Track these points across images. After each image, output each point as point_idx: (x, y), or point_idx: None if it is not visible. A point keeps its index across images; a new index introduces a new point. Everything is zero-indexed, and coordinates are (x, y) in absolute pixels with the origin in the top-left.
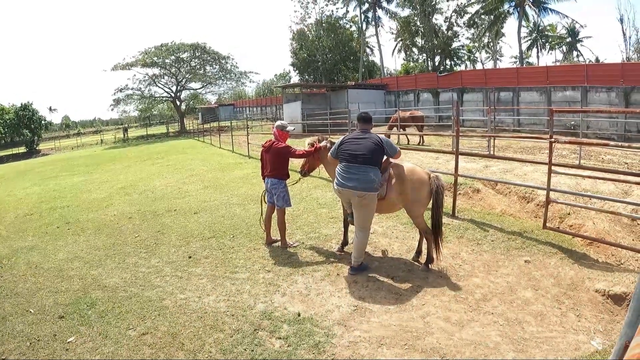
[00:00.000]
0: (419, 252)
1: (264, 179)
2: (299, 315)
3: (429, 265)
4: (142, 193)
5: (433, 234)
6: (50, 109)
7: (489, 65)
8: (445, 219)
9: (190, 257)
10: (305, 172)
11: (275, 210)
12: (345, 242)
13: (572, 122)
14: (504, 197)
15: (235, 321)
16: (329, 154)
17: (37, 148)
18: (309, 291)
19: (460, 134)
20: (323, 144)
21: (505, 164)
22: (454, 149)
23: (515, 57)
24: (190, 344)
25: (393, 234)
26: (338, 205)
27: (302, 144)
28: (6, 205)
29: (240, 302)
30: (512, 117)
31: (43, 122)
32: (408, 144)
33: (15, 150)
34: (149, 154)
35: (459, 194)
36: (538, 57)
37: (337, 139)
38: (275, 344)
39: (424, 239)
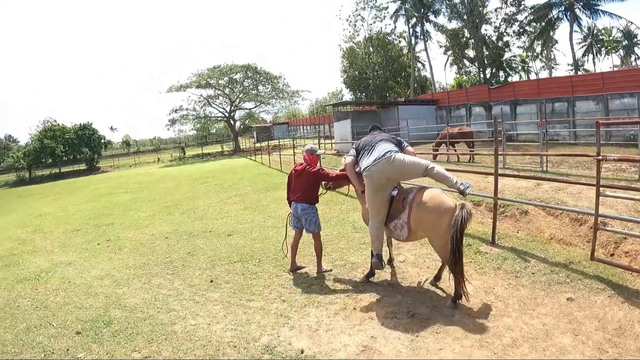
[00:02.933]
0: (437, 277)
1: (290, 203)
2: (302, 352)
3: (456, 302)
4: (184, 213)
5: (452, 268)
6: (111, 128)
7: (544, 75)
8: (483, 248)
9: (211, 282)
10: (330, 186)
11: (312, 236)
12: (372, 273)
13: (632, 132)
14: (554, 219)
15: (236, 353)
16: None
17: (97, 165)
18: (319, 326)
19: (511, 149)
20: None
21: None
22: (495, 169)
23: (571, 65)
24: None
25: (424, 264)
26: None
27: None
28: (58, 220)
29: (247, 333)
30: (568, 129)
31: (102, 140)
32: (458, 161)
33: (76, 167)
34: (200, 172)
35: (505, 216)
36: (594, 63)
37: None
38: None
39: (447, 267)
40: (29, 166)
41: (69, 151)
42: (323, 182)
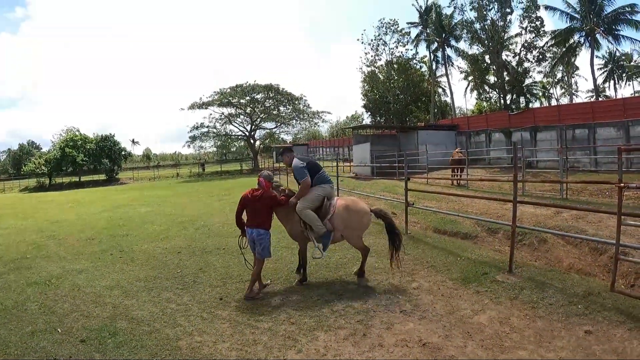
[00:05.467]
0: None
1: (242, 227)
2: None
3: (362, 276)
4: (198, 228)
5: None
6: (133, 141)
7: (565, 101)
8: (499, 276)
9: (221, 299)
10: None
11: (255, 260)
12: (304, 278)
13: None
14: (573, 248)
15: None
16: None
17: (117, 177)
18: (327, 351)
19: (531, 176)
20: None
21: None
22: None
23: (591, 91)
24: None
25: (439, 291)
26: (385, 252)
27: (369, 186)
28: (73, 227)
29: (252, 354)
30: (588, 156)
31: (123, 152)
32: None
33: (96, 177)
34: (218, 189)
35: (523, 244)
36: (615, 89)
37: (384, 182)
38: None
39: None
40: (50, 173)
41: (90, 161)
42: None
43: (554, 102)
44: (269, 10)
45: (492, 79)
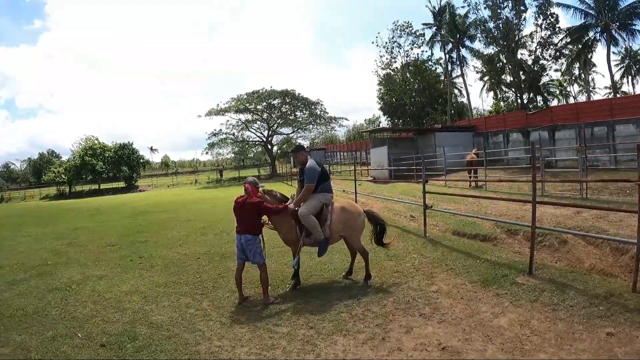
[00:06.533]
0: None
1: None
2: None
3: (368, 281)
4: (217, 234)
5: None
6: (151, 148)
7: (583, 99)
8: (519, 278)
9: (240, 304)
10: (268, 222)
11: (258, 267)
12: (298, 282)
13: None
14: (594, 248)
15: None
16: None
17: (136, 184)
18: (346, 355)
19: (550, 176)
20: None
21: None
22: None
23: (609, 87)
24: None
25: (458, 294)
26: (407, 257)
27: (387, 190)
28: (94, 234)
29: (271, 358)
30: (608, 154)
31: (141, 160)
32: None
33: (115, 185)
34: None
35: (543, 245)
36: (633, 84)
37: (402, 185)
38: None
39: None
40: (70, 181)
41: (109, 169)
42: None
43: (571, 100)
44: (280, 15)
45: (508, 78)
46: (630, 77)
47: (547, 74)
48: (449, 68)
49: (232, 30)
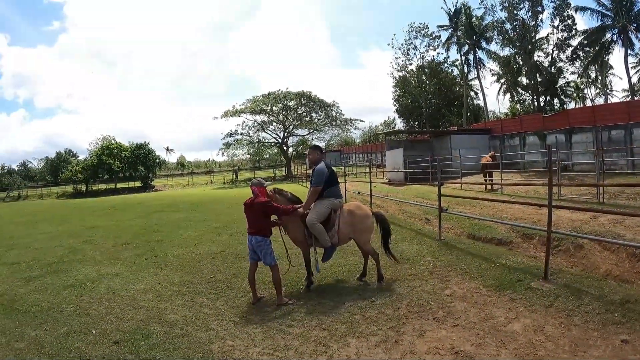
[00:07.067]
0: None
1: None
2: None
3: (381, 282)
4: (232, 235)
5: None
6: (167, 149)
7: (600, 101)
8: (534, 283)
9: (254, 304)
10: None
11: (270, 269)
12: (311, 282)
13: None
14: (611, 254)
15: None
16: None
17: (152, 183)
18: (358, 357)
19: (566, 179)
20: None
21: None
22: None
23: (627, 90)
24: None
25: (472, 298)
26: (422, 260)
27: (402, 192)
28: (109, 232)
29: (283, 359)
30: (625, 157)
31: (157, 160)
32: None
33: (131, 184)
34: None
35: (559, 250)
36: None
37: (418, 188)
38: None
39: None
40: (86, 180)
41: (125, 168)
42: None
43: (588, 103)
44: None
45: (524, 80)
46: None
47: (563, 76)
48: (465, 70)
49: (248, 32)
